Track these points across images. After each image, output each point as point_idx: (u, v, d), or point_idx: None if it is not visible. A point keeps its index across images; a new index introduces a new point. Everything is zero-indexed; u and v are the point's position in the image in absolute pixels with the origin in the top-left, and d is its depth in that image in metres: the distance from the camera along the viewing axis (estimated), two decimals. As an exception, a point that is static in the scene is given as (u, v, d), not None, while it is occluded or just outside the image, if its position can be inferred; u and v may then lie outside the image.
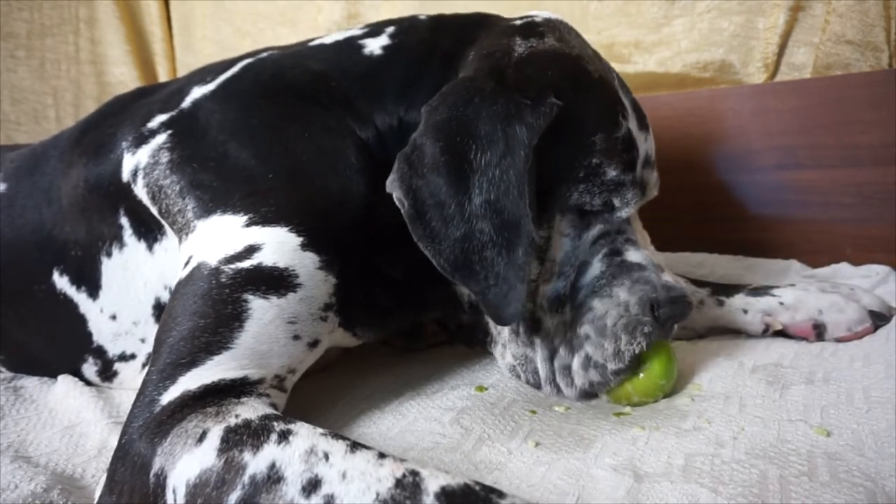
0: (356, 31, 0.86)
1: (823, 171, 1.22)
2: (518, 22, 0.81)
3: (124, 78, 2.04)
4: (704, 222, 1.34)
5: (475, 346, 0.85)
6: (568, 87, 0.71)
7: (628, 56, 1.44)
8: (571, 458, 0.61)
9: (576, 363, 0.71)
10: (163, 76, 2.08)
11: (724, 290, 0.95)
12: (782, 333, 0.90)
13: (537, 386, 0.75)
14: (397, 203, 0.67)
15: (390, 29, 0.85)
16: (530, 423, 0.69)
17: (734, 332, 0.94)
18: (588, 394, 0.72)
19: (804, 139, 1.23)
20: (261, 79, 0.81)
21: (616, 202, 0.74)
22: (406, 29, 0.85)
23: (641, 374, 0.71)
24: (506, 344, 0.78)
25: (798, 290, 0.91)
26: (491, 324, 0.78)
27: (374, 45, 0.82)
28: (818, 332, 0.88)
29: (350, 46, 0.84)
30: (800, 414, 0.66)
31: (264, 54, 0.87)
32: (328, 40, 0.87)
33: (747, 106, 1.28)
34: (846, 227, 1.21)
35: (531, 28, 0.79)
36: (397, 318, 0.85)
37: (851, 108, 1.18)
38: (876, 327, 0.87)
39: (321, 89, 0.79)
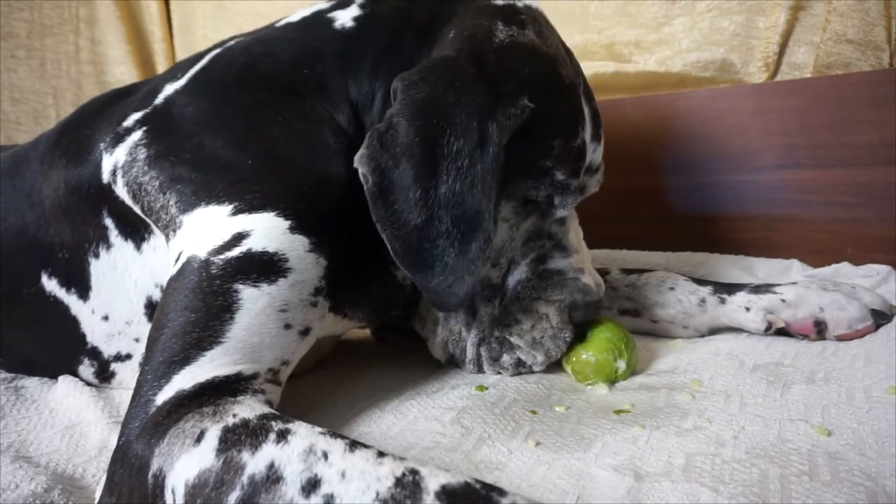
0: (324, 5, 0.84)
1: (823, 171, 1.22)
2: (499, 2, 0.80)
3: (124, 78, 2.03)
4: (704, 222, 1.33)
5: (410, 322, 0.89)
6: (540, 89, 0.74)
7: (628, 55, 1.44)
8: (572, 457, 0.61)
9: (507, 360, 0.82)
10: (163, 76, 2.07)
11: (726, 288, 0.95)
12: (783, 332, 0.90)
13: (461, 363, 0.85)
14: (361, 178, 0.68)
15: None
16: (531, 422, 0.69)
17: (735, 331, 0.94)
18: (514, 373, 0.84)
19: (804, 139, 1.23)
20: (231, 68, 0.81)
21: (557, 201, 0.80)
22: None
23: (595, 357, 0.79)
24: (438, 321, 0.84)
25: (799, 288, 0.91)
26: (422, 304, 0.85)
27: (345, 17, 0.81)
28: (819, 329, 0.88)
29: (319, 23, 0.82)
30: (801, 413, 0.66)
31: (231, 42, 0.86)
32: (295, 18, 0.85)
33: (747, 105, 1.28)
34: (846, 227, 1.20)
35: (513, 14, 0.78)
36: (381, 292, 0.85)
37: (852, 108, 1.18)
38: (877, 326, 0.87)
39: (293, 78, 0.78)
